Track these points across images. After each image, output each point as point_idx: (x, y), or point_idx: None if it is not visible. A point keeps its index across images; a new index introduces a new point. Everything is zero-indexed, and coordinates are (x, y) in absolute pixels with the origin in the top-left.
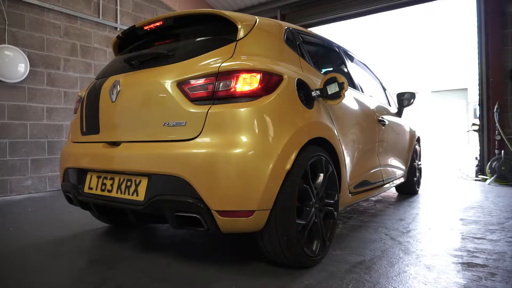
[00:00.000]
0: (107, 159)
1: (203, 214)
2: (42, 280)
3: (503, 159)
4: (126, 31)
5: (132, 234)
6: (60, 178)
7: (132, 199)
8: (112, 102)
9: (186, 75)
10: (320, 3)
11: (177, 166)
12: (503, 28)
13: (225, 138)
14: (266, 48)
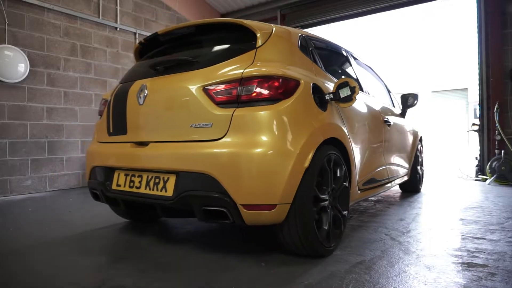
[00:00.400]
0: (135, 158)
1: (229, 208)
2: (42, 280)
3: (503, 159)
4: (148, 38)
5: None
6: (86, 176)
7: (161, 195)
8: (140, 105)
9: (212, 81)
10: (320, 3)
11: (205, 164)
12: (503, 28)
13: (249, 138)
14: (283, 54)
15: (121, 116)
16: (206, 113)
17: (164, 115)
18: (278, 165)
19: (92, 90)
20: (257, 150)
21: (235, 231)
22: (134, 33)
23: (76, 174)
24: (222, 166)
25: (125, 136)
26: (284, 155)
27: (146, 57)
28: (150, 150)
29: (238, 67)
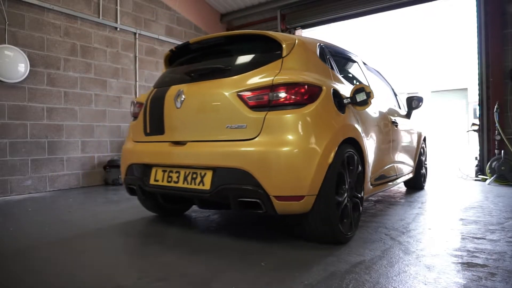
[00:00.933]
0: (174, 156)
1: (263, 199)
2: (41, 280)
3: (503, 159)
4: (179, 46)
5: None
6: (122, 173)
7: (199, 188)
8: (177, 108)
9: (245, 87)
10: (320, 3)
11: (241, 160)
12: (503, 28)
13: (280, 138)
14: (306, 63)
15: (158, 118)
16: (241, 115)
17: (201, 118)
18: (306, 161)
19: (92, 90)
20: (288, 148)
21: (234, 232)
22: (134, 33)
23: (76, 174)
24: (257, 162)
25: (163, 136)
26: (311, 152)
27: (176, 64)
28: (188, 148)
29: (267, 75)
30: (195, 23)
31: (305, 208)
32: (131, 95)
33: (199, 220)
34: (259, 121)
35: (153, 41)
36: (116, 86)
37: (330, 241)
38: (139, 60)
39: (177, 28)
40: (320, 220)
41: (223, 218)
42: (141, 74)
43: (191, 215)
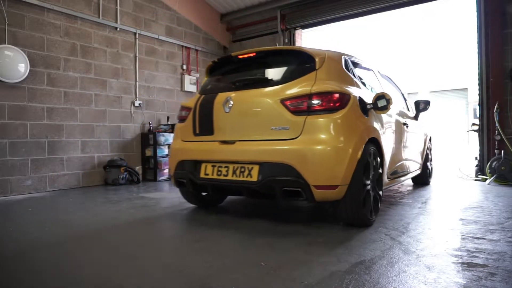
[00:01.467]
0: (223, 153)
1: (304, 188)
2: (41, 280)
3: (503, 159)
4: (222, 58)
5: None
6: (171, 169)
7: (247, 180)
8: (226, 113)
9: (287, 95)
10: (320, 3)
11: (285, 156)
12: (503, 28)
13: (318, 137)
14: (335, 74)
15: (207, 120)
16: (284, 119)
17: (248, 120)
18: (340, 157)
19: (92, 90)
20: (325, 146)
21: (232, 234)
22: (134, 33)
23: (76, 174)
24: (299, 157)
25: (212, 136)
26: (344, 150)
27: (218, 74)
28: (237, 146)
29: (305, 85)
30: (195, 23)
31: (338, 196)
32: (131, 95)
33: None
34: (300, 124)
35: (153, 41)
36: (116, 86)
37: (358, 224)
38: (139, 60)
39: (177, 28)
40: (351, 206)
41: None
42: (141, 74)
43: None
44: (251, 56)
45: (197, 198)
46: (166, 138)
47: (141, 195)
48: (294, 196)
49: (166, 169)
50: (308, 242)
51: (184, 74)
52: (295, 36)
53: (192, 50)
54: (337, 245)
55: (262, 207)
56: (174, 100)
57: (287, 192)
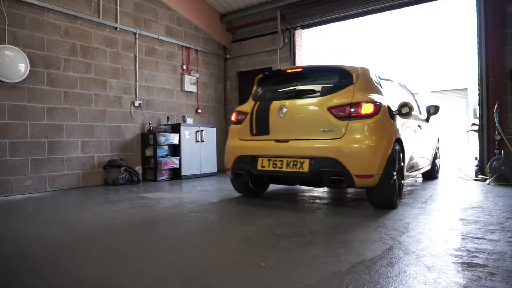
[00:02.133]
0: (279, 149)
1: (347, 177)
2: (41, 280)
3: (503, 159)
4: (272, 72)
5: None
6: (229, 163)
7: (299, 171)
8: (281, 117)
9: (332, 104)
10: (320, 3)
11: (332, 152)
12: (503, 28)
13: (358, 137)
14: (368, 87)
15: (264, 123)
16: (330, 123)
17: (300, 123)
18: (376, 152)
19: (92, 90)
20: (364, 144)
21: (232, 236)
22: (134, 33)
23: (76, 174)
24: (343, 153)
25: (268, 136)
26: (378, 147)
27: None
28: (291, 144)
29: (346, 96)
30: (195, 23)
31: (373, 183)
32: (131, 95)
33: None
34: (344, 126)
35: (153, 41)
36: (116, 86)
37: (387, 206)
38: (139, 60)
39: (177, 28)
40: (382, 191)
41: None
42: (141, 74)
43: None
44: (298, 71)
45: (245, 188)
46: (166, 138)
47: (141, 195)
48: (338, 183)
49: (166, 169)
50: (307, 242)
51: (184, 74)
52: (295, 36)
53: (192, 50)
54: (337, 245)
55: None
56: (174, 100)
57: (333, 180)
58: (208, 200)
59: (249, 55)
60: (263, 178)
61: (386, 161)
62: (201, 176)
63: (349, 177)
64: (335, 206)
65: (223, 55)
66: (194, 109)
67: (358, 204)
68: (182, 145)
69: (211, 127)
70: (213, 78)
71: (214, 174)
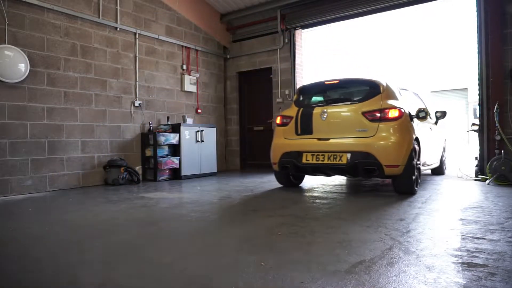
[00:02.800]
0: (320, 146)
1: (378, 167)
2: (41, 280)
3: (503, 159)
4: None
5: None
6: (276, 158)
7: (339, 163)
8: (322, 120)
9: (366, 109)
10: (320, 3)
11: (366, 147)
12: (503, 28)
13: (387, 135)
14: (392, 96)
15: (308, 124)
16: (364, 124)
17: (339, 125)
18: (400, 147)
19: (92, 90)
20: (391, 141)
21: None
22: (134, 33)
23: (76, 174)
24: (375, 148)
25: (311, 135)
26: (402, 142)
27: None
28: (331, 141)
29: (376, 103)
30: (195, 23)
31: (399, 172)
32: (131, 95)
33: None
34: (375, 127)
35: (153, 41)
36: (116, 86)
37: (408, 192)
38: (139, 60)
39: (177, 28)
40: (405, 179)
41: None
42: (141, 74)
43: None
44: (335, 82)
45: (287, 180)
46: (166, 138)
47: (141, 195)
48: (370, 172)
49: (166, 169)
50: (307, 242)
51: (184, 74)
52: (295, 36)
53: (192, 50)
54: (337, 245)
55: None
56: (174, 100)
57: (366, 169)
58: (208, 200)
59: (249, 55)
60: (307, 169)
61: (409, 154)
62: (201, 176)
63: (380, 167)
64: (335, 207)
65: (223, 55)
66: (194, 109)
67: (358, 203)
68: (182, 145)
69: (211, 127)
70: (213, 78)
71: (214, 174)
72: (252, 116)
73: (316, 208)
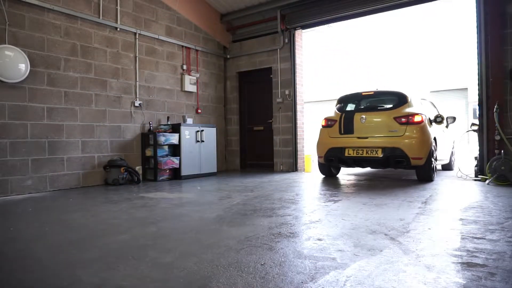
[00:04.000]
0: (360, 143)
1: (406, 159)
2: (41, 280)
3: (503, 159)
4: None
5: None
6: (322, 153)
7: (375, 156)
8: (362, 123)
9: (396, 115)
10: (320, 3)
11: (397, 144)
12: (503, 28)
13: (413, 135)
14: (416, 104)
15: (350, 126)
16: (395, 126)
17: (375, 126)
18: (423, 143)
19: (92, 90)
20: (417, 139)
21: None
22: (134, 33)
23: (76, 174)
24: (404, 144)
25: (352, 135)
26: (425, 140)
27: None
28: (369, 139)
29: (405, 110)
30: (195, 23)
31: (421, 163)
32: (131, 95)
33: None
34: (404, 129)
35: (153, 41)
36: (116, 86)
37: (428, 179)
38: (139, 60)
39: (177, 28)
40: (426, 169)
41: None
42: (141, 74)
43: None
44: (371, 93)
45: (328, 171)
46: (166, 138)
47: (141, 195)
48: (399, 163)
49: (166, 169)
50: (306, 244)
51: (184, 74)
52: (295, 36)
53: (192, 50)
54: (337, 245)
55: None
56: (174, 100)
57: (397, 161)
58: (208, 200)
59: (249, 55)
60: (349, 161)
61: (429, 150)
62: (201, 176)
63: (407, 159)
64: (335, 206)
65: (223, 55)
66: (194, 109)
67: (358, 202)
68: (182, 145)
69: (211, 127)
70: (213, 78)
71: (214, 174)
72: (252, 116)
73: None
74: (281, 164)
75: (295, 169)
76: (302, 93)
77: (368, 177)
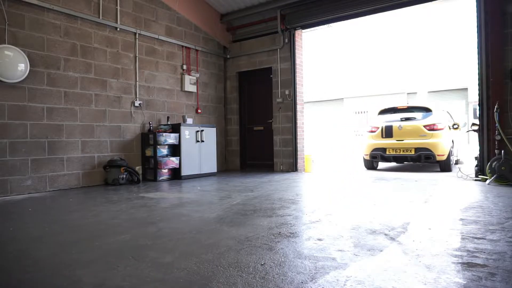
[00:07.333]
0: (398, 144)
1: (433, 156)
2: (41, 280)
3: (503, 159)
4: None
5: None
6: (368, 151)
7: (410, 153)
8: (399, 130)
9: (425, 124)
10: (320, 3)
11: (426, 145)
12: (503, 28)
13: (439, 138)
14: (438, 115)
15: (389, 132)
16: (424, 132)
17: (409, 132)
18: (446, 145)
19: (92, 90)
20: (441, 141)
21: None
22: (134, 33)
23: (76, 174)
24: (432, 145)
25: (392, 138)
26: (446, 142)
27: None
28: (405, 142)
29: (432, 120)
30: (195, 23)
31: (444, 159)
32: (131, 95)
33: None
34: (431, 134)
35: (153, 41)
36: (116, 86)
37: (449, 170)
38: (139, 60)
39: (177, 28)
40: (447, 162)
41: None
42: (141, 74)
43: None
44: (405, 107)
45: (371, 166)
46: (166, 138)
47: (141, 195)
48: (428, 159)
49: (166, 169)
50: (306, 244)
51: (184, 74)
52: (295, 36)
53: (192, 50)
54: (336, 245)
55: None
56: (174, 100)
57: (426, 157)
58: (208, 200)
59: (249, 55)
60: (389, 158)
61: (449, 149)
62: (201, 176)
63: (434, 156)
64: (335, 206)
65: (223, 55)
66: (194, 109)
67: (359, 203)
68: (182, 145)
69: (211, 127)
70: (213, 78)
71: (214, 174)
72: (252, 116)
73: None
74: (281, 164)
75: (295, 169)
76: (302, 93)
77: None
